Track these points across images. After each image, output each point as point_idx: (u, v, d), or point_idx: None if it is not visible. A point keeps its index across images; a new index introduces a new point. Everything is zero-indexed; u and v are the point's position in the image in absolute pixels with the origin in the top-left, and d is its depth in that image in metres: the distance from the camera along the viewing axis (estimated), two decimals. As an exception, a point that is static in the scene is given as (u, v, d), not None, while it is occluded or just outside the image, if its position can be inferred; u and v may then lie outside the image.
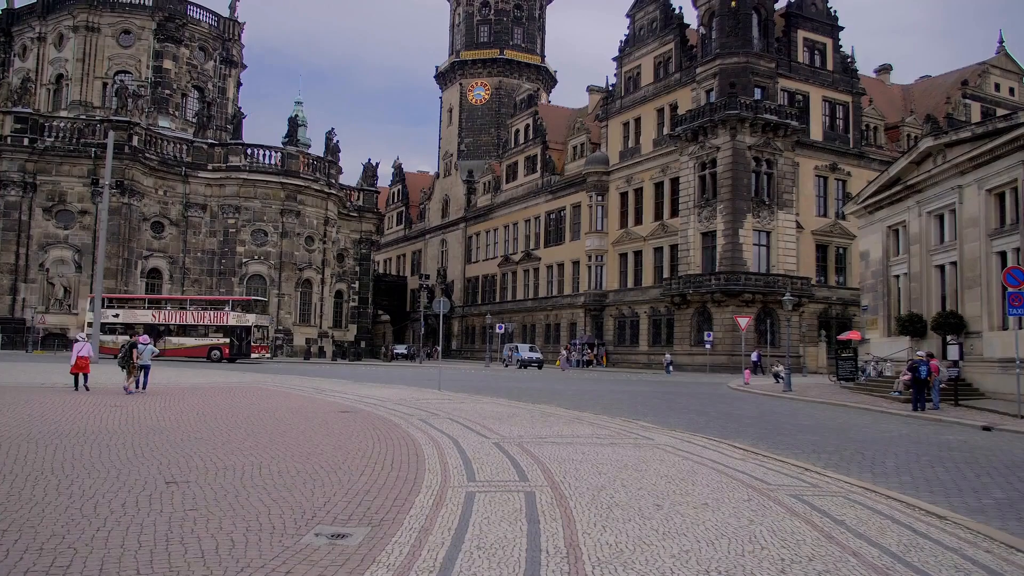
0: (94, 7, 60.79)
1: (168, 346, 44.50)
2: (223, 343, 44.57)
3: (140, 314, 45.54)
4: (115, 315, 45.32)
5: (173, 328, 45.32)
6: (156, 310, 46.30)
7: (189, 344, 44.86)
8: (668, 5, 55.10)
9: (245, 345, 44.84)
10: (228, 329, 44.72)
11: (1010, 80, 59.23)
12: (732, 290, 45.68)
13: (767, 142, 47.29)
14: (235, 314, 45.11)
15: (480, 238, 76.16)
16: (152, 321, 45.12)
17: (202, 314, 45.48)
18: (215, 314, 45.46)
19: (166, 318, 45.68)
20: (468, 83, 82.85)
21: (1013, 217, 22.61)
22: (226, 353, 44.11)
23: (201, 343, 44.93)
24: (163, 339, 44.62)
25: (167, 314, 45.91)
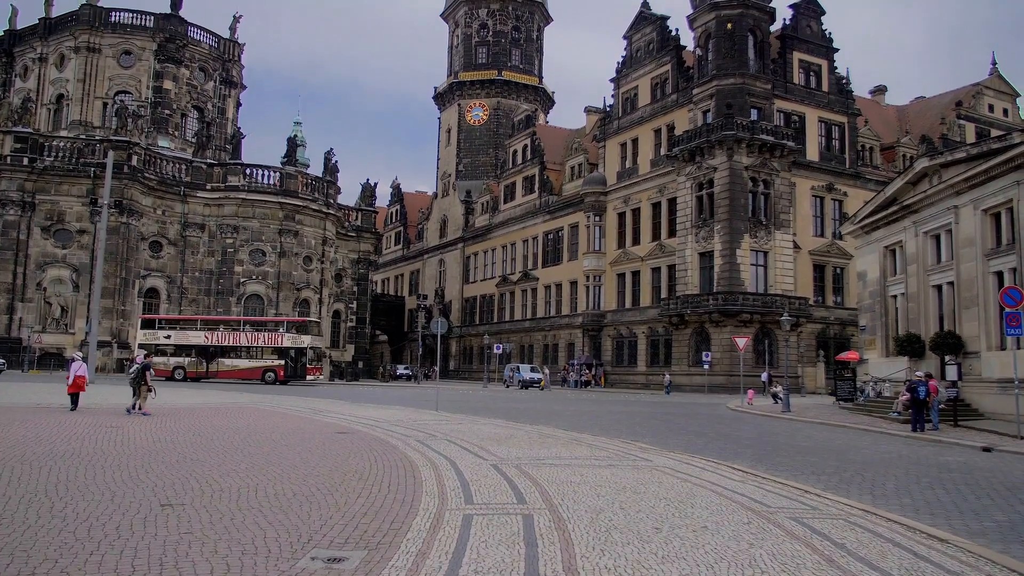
0: (96, 28, 61.16)
1: (221, 368, 44.25)
2: (277, 365, 44.05)
3: (192, 335, 45.22)
4: (166, 336, 45.16)
5: (226, 350, 44.84)
6: (209, 331, 45.85)
7: (243, 366, 44.38)
8: (665, 27, 55.51)
9: (300, 367, 44.28)
10: (282, 351, 44.18)
11: (1004, 101, 59.62)
12: (730, 310, 45.68)
13: (764, 162, 47.49)
14: (290, 335, 44.68)
15: (478, 258, 76.21)
16: (204, 343, 44.84)
17: (256, 335, 45.17)
18: (269, 335, 45.14)
19: (219, 339, 45.26)
20: (466, 104, 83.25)
21: (1009, 237, 22.66)
22: (280, 375, 43.53)
23: (255, 365, 44.44)
24: (216, 361, 44.57)
25: (220, 335, 45.46)
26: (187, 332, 45.71)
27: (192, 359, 44.98)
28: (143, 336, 45.53)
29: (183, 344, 45.04)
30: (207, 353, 45.00)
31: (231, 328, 46.59)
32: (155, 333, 45.74)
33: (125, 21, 62.54)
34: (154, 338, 45.36)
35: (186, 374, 44.20)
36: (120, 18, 62.59)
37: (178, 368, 44.42)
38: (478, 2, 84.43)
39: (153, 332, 45.81)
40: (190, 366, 44.73)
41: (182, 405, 22.52)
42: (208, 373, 44.49)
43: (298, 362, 44.48)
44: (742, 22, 48.65)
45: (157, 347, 44.71)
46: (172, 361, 44.72)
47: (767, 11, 49.77)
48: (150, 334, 45.61)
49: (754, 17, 49.02)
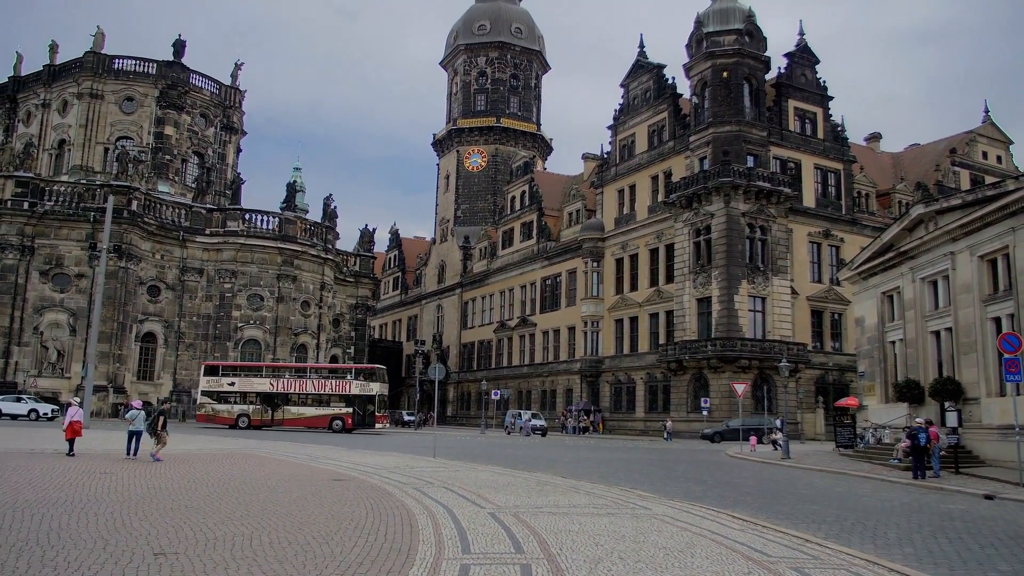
0: (99, 75, 61.90)
1: (287, 416, 43.40)
2: (345, 413, 43.13)
3: (257, 382, 44.44)
4: (230, 383, 44.35)
5: (292, 397, 43.98)
6: (274, 378, 44.95)
7: (309, 414, 43.43)
8: (661, 75, 56.24)
9: (369, 415, 43.37)
10: (350, 398, 43.38)
11: (997, 148, 60.25)
12: (728, 356, 45.58)
13: (761, 209, 47.79)
14: (358, 383, 43.89)
15: (476, 304, 76.22)
16: (270, 390, 44.06)
17: (323, 383, 44.29)
18: (337, 383, 44.28)
19: (284, 387, 44.35)
20: (465, 150, 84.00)
21: (1006, 283, 22.72)
22: (349, 423, 42.62)
23: (322, 413, 43.51)
24: (282, 408, 43.68)
25: (286, 383, 44.52)
26: (251, 379, 44.82)
27: (257, 406, 43.97)
28: (206, 383, 44.75)
29: (247, 391, 44.14)
30: (272, 400, 43.99)
31: (297, 375, 45.62)
32: (219, 380, 44.77)
33: (128, 68, 63.30)
34: (217, 385, 44.52)
35: (250, 422, 43.22)
36: (123, 65, 63.36)
37: (242, 416, 43.44)
38: (477, 51, 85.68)
39: (216, 379, 44.86)
40: (255, 414, 43.74)
41: (192, 451, 22.34)
42: (273, 421, 43.54)
43: (366, 410, 43.50)
44: (737, 70, 49.35)
45: (220, 394, 44.13)
46: (236, 408, 43.80)
47: (762, 60, 50.52)
48: (213, 380, 44.77)
49: (749, 66, 49.74)
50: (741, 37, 49.80)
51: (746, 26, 50.09)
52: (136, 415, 19.32)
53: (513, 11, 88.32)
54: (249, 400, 44.14)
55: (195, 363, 53.78)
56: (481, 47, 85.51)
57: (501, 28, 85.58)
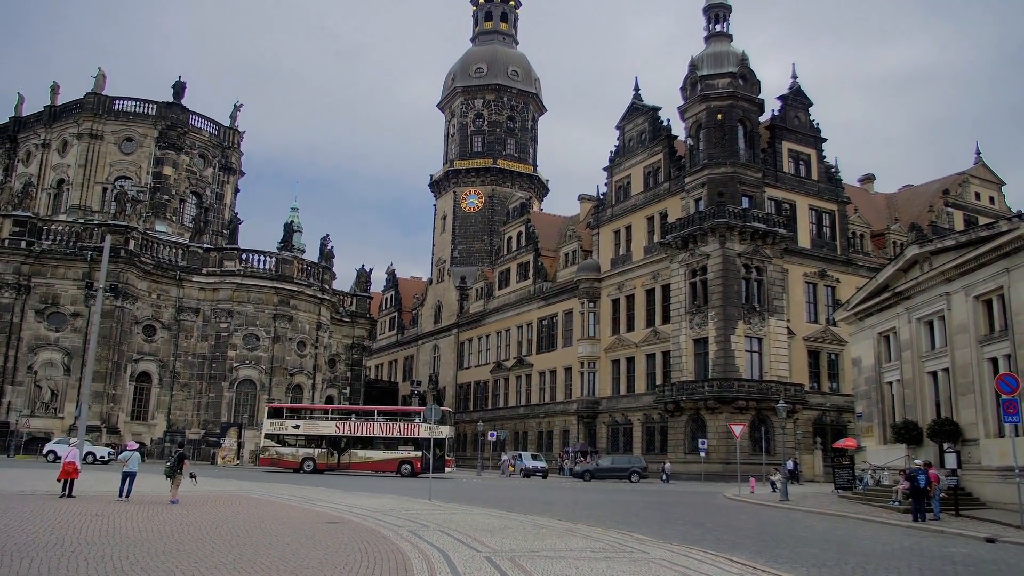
0: (99, 116, 62.42)
1: (354, 459, 42.68)
2: (414, 456, 42.27)
3: (322, 425, 43.89)
4: (295, 426, 43.78)
5: (359, 440, 43.30)
6: (340, 421, 44.42)
7: (377, 458, 42.67)
8: (656, 118, 56.83)
9: (438, 459, 42.14)
10: (419, 441, 42.45)
11: (990, 189, 60.73)
12: (725, 397, 45.41)
13: (756, 249, 47.98)
14: (428, 426, 42.02)
15: (472, 344, 76.04)
16: (335, 433, 43.42)
17: (390, 426, 43.64)
18: (404, 426, 43.50)
19: (350, 430, 43.71)
20: (462, 191, 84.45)
21: (1002, 324, 22.77)
22: (418, 467, 41.74)
23: (390, 456, 42.80)
24: (348, 452, 42.93)
25: (352, 426, 43.92)
26: (317, 422, 44.27)
27: (322, 450, 43.27)
28: (270, 426, 44.22)
29: (313, 434, 43.47)
30: (338, 444, 43.35)
31: (363, 418, 44.98)
32: (283, 423, 44.22)
33: (128, 109, 63.85)
34: (281, 428, 43.99)
35: (316, 466, 42.47)
36: (123, 106, 63.91)
37: (307, 459, 42.66)
38: (474, 93, 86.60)
39: (281, 422, 44.33)
40: (320, 457, 43.00)
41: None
42: (339, 465, 42.83)
43: (435, 454, 42.03)
44: (732, 113, 49.89)
45: (284, 437, 43.55)
46: (301, 452, 43.05)
47: (756, 102, 51.11)
48: (277, 423, 44.23)
49: (743, 108, 50.31)
50: (735, 80, 50.43)
51: (740, 69, 50.75)
52: (129, 456, 19.23)
53: (510, 54, 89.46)
54: (315, 444, 43.36)
55: (189, 403, 53.50)
56: (478, 89, 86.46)
57: (498, 71, 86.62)
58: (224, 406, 53.80)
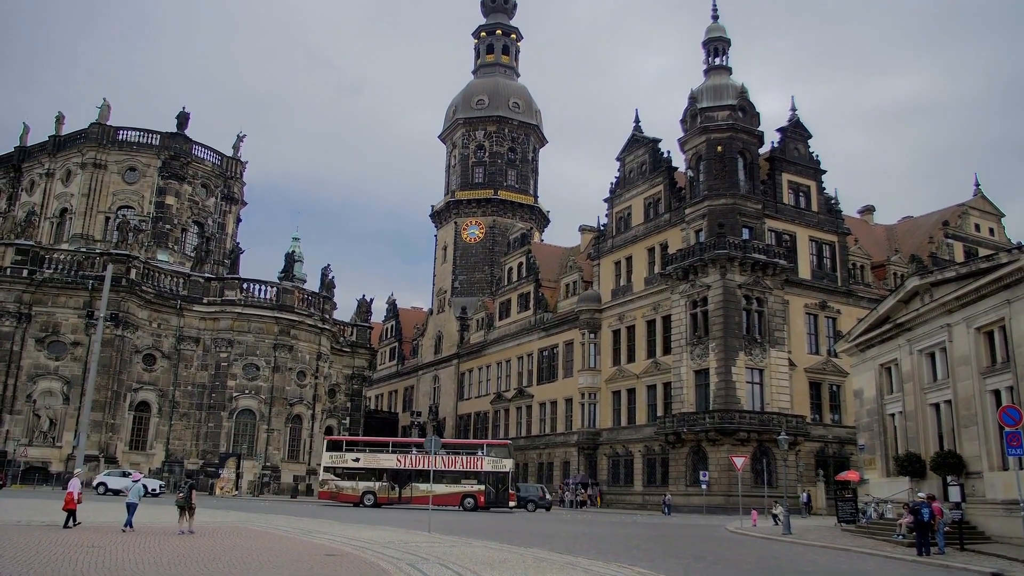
0: (103, 145, 62.82)
1: (415, 493, 41.96)
2: (477, 491, 41.76)
3: (383, 459, 43.26)
4: (355, 459, 43.14)
5: (421, 474, 42.43)
6: (401, 455, 43.65)
7: (440, 491, 41.25)
8: (657, 149, 57.16)
9: (502, 492, 41.97)
10: (482, 475, 41.99)
11: (989, 221, 60.88)
12: (727, 429, 45.18)
13: (757, 281, 48.01)
14: (490, 459, 42.53)
15: (473, 375, 75.82)
16: (396, 466, 42.87)
17: (453, 459, 42.93)
18: (467, 459, 42.90)
19: (412, 463, 42.97)
20: (463, 222, 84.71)
21: (1004, 355, 22.71)
22: (481, 501, 41.29)
23: (453, 491, 42.01)
24: (410, 486, 42.35)
25: (413, 459, 43.10)
26: (377, 455, 43.58)
27: (383, 484, 42.71)
28: (329, 459, 43.66)
29: (373, 468, 42.89)
30: (399, 477, 42.79)
31: (425, 451, 44.67)
32: (342, 456, 43.60)
33: (132, 139, 64.26)
34: (341, 461, 43.36)
35: (376, 500, 41.92)
36: (127, 136, 64.35)
37: (368, 493, 42.05)
38: (475, 124, 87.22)
39: (340, 455, 43.72)
40: (381, 491, 42.42)
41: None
42: (401, 499, 42.29)
43: (499, 487, 42.10)
44: (731, 145, 50.20)
45: (344, 470, 42.98)
46: (361, 486, 42.44)
47: (755, 134, 51.45)
48: (337, 456, 43.64)
49: (743, 140, 50.63)
50: (734, 112, 50.81)
51: (739, 102, 51.16)
52: (132, 487, 19.49)
53: (511, 86, 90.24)
54: (375, 477, 42.77)
55: (188, 433, 53.23)
56: (479, 121, 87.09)
57: (499, 103, 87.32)
58: (223, 436, 53.52)
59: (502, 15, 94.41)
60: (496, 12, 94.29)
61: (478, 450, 43.77)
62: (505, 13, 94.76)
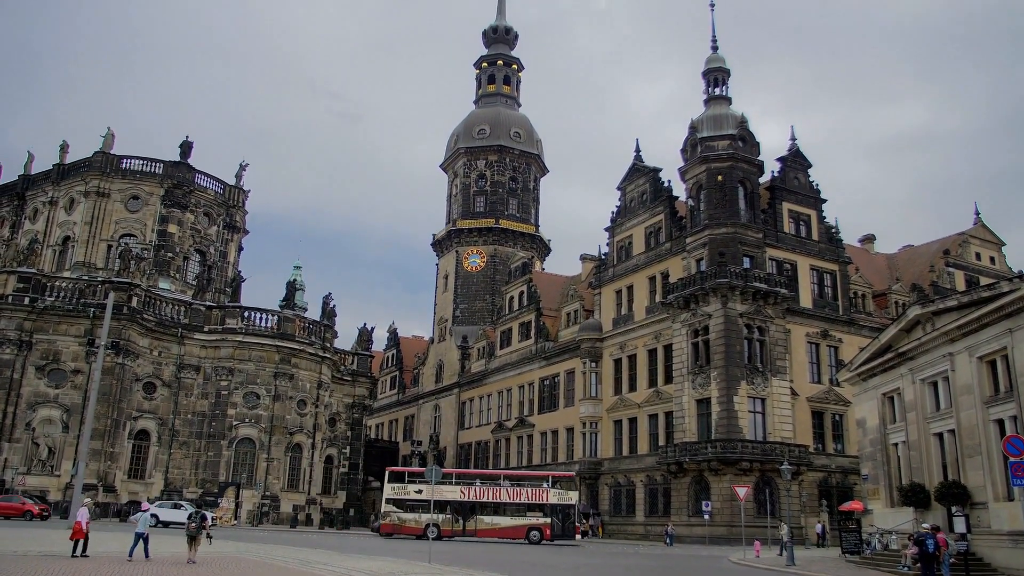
0: (106, 174, 63.13)
1: (480, 526, 41.55)
2: (543, 523, 41.05)
3: (447, 491, 42.47)
4: (417, 491, 42.42)
5: (485, 506, 42.13)
6: (465, 486, 43.24)
7: (504, 524, 41.37)
8: (657, 179, 57.40)
9: (568, 525, 41.26)
10: (548, 508, 41.39)
11: (990, 250, 60.98)
12: (729, 458, 44.91)
13: (758, 310, 47.98)
14: (556, 491, 41.92)
15: (474, 404, 75.55)
16: (460, 498, 42.35)
17: (518, 491, 42.51)
18: (532, 491, 42.37)
19: (477, 495, 42.58)
20: (464, 251, 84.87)
21: (1007, 384, 22.63)
22: (547, 534, 40.61)
23: (518, 523, 41.50)
24: (475, 518, 41.87)
25: (478, 491, 42.79)
26: (441, 487, 42.33)
27: (447, 516, 42.10)
28: (390, 490, 43.02)
29: (437, 500, 41.47)
30: (463, 510, 42.26)
31: (489, 483, 43.82)
32: (404, 487, 43.04)
33: (135, 168, 64.56)
34: (403, 492, 42.83)
35: (440, 532, 41.06)
36: (131, 165, 64.64)
37: (431, 526, 40.68)
38: (477, 154, 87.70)
39: (402, 486, 43.16)
40: (444, 523, 41.77)
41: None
42: (465, 531, 41.71)
43: (566, 520, 41.40)
44: (732, 174, 50.41)
45: (406, 502, 42.42)
46: (424, 518, 41.47)
47: (755, 164, 51.69)
48: (399, 488, 43.06)
49: (743, 170, 50.85)
50: (734, 142, 51.10)
51: (739, 131, 51.47)
52: (140, 516, 19.64)
53: (512, 116, 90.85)
54: (438, 509, 41.81)
55: (188, 462, 52.91)
56: (481, 150, 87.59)
57: (500, 132, 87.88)
58: (222, 465, 53.21)
59: (503, 46, 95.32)
60: (497, 43, 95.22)
61: (543, 482, 43.11)
62: (506, 44, 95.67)
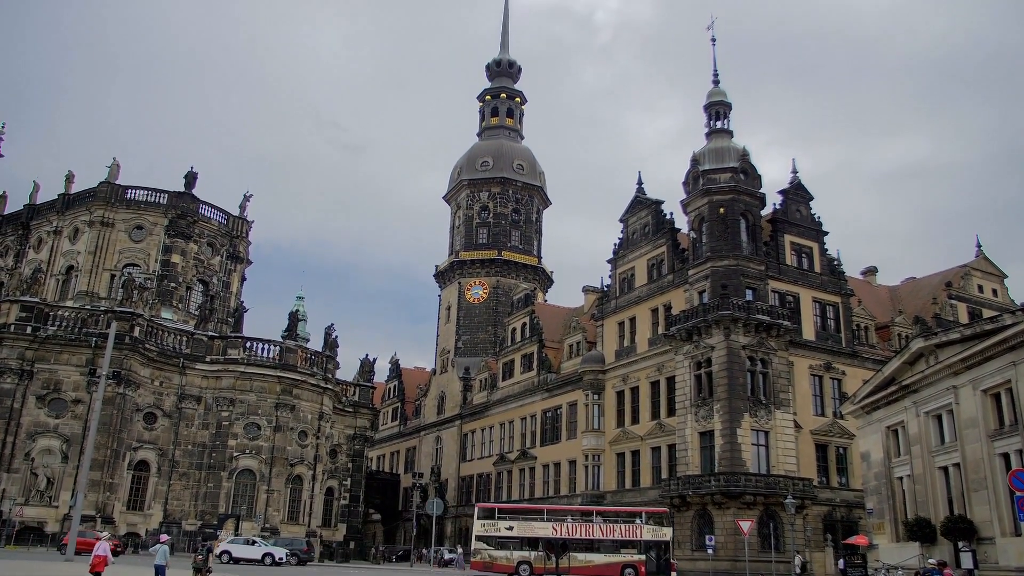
0: (111, 204, 63.39)
1: (573, 563, 40.47)
2: (637, 560, 39.94)
3: (538, 527, 41.54)
4: (508, 528, 41.49)
5: (577, 543, 40.92)
6: (557, 523, 41.91)
7: (598, 562, 40.18)
8: (659, 211, 57.57)
9: (664, 562, 40.25)
10: (642, 544, 40.38)
11: (992, 282, 60.91)
12: (732, 492, 44.52)
13: (761, 342, 47.85)
14: (650, 528, 40.90)
15: (475, 436, 75.13)
16: (552, 535, 41.17)
17: (611, 527, 41.37)
18: (625, 527, 41.27)
19: (568, 531, 41.33)
20: (466, 282, 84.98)
21: (1012, 418, 22.52)
22: (642, 572, 39.70)
23: (612, 560, 40.32)
24: (567, 555, 40.84)
25: (570, 527, 41.50)
26: (532, 523, 41.86)
27: (539, 553, 40.96)
28: (480, 527, 42.03)
29: (528, 537, 41.15)
30: (555, 547, 41.05)
31: (581, 519, 42.64)
32: (495, 524, 41.98)
33: (140, 198, 64.82)
34: (493, 529, 41.76)
35: (532, 570, 40.31)
36: (135, 195, 64.91)
37: (523, 564, 40.32)
38: (479, 186, 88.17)
39: (492, 522, 42.10)
40: (537, 561, 40.71)
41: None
42: (558, 569, 40.72)
43: (660, 558, 40.34)
44: (734, 207, 50.55)
45: (498, 539, 41.44)
46: (516, 555, 40.74)
47: (757, 196, 51.84)
48: (489, 525, 42.02)
49: (745, 202, 51.01)
50: (736, 175, 51.31)
51: (741, 164, 51.70)
52: (159, 549, 19.66)
53: (515, 148, 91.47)
54: (530, 546, 41.10)
55: (187, 493, 52.53)
56: (484, 182, 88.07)
57: (503, 164, 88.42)
58: (222, 496, 52.80)
59: (507, 79, 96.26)
60: (501, 76, 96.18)
61: (636, 518, 42.23)
62: (510, 77, 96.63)
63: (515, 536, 40.97)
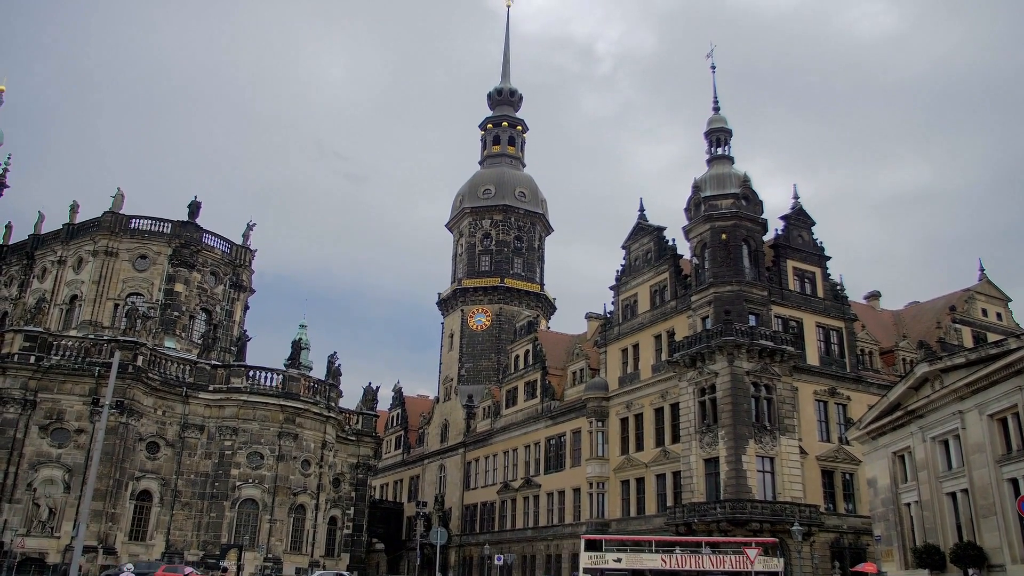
0: (115, 234, 63.62)
1: None
2: None
3: (646, 558, 40.82)
4: (616, 560, 40.78)
5: (688, 575, 40.18)
6: (666, 554, 41.10)
7: None
8: (662, 238, 57.71)
9: None
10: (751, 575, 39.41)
11: (996, 306, 60.86)
12: (738, 519, 44.20)
13: (765, 367, 47.74)
14: (762, 558, 39.77)
15: (479, 464, 74.75)
16: (661, 567, 40.34)
17: (720, 559, 40.70)
18: (735, 559, 40.35)
19: (678, 563, 40.54)
20: (469, 309, 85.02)
21: (1019, 442, 22.39)
22: None
23: None
24: None
25: (679, 559, 40.73)
26: (640, 554, 41.21)
27: None
28: (588, 560, 41.27)
29: (637, 568, 40.45)
30: None
31: (690, 550, 41.81)
32: (602, 556, 41.23)
33: (144, 227, 65.00)
34: (601, 561, 40.93)
35: None
36: (139, 224, 65.08)
37: None
38: (482, 214, 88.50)
39: (600, 554, 41.33)
40: None
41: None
42: None
43: None
44: (736, 233, 50.66)
45: (605, 572, 40.63)
46: None
47: (759, 222, 51.98)
48: (596, 556, 41.23)
49: (747, 228, 51.13)
50: (738, 201, 51.49)
51: (742, 190, 51.89)
52: None
53: (517, 176, 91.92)
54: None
55: (190, 523, 52.18)
56: (486, 210, 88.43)
57: (505, 192, 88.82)
58: (225, 526, 52.44)
59: (508, 107, 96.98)
60: (502, 104, 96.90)
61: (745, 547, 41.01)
62: (511, 106, 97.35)
63: (624, 568, 40.04)
